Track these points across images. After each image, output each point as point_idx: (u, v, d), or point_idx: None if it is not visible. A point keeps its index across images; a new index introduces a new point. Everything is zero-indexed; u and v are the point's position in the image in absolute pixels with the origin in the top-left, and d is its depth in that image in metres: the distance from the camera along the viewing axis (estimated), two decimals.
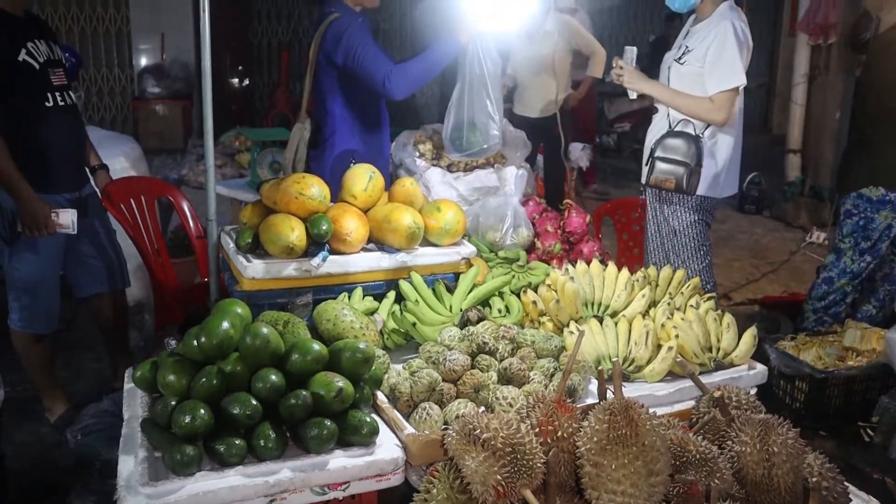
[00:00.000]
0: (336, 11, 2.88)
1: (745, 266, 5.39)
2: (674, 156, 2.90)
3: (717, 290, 3.20)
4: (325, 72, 2.91)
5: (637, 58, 3.05)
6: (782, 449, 1.44)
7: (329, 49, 2.85)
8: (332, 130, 2.97)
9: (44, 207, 2.75)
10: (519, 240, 2.69)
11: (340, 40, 2.80)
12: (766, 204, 6.83)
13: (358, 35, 2.80)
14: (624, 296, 2.16)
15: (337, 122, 2.97)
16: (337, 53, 2.82)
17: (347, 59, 2.80)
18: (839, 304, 3.70)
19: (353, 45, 2.77)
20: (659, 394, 1.92)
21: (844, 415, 3.28)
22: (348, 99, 2.95)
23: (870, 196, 3.46)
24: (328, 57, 2.86)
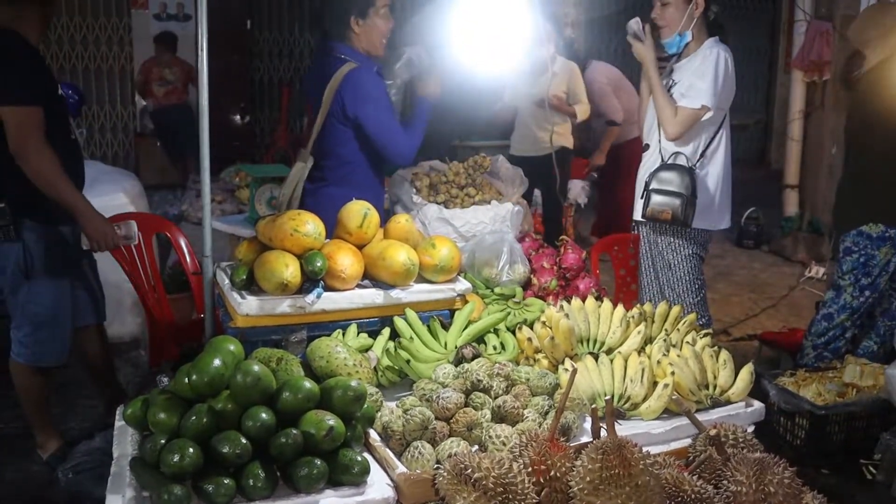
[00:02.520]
0: (350, 59, 2.89)
1: (743, 301, 5.38)
2: (669, 187, 2.93)
3: (711, 325, 3.19)
4: (339, 119, 2.93)
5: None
6: (778, 489, 1.42)
7: (346, 100, 2.87)
8: (338, 171, 3.00)
9: (106, 221, 2.84)
10: (515, 276, 2.68)
11: (358, 95, 2.85)
12: (764, 239, 6.84)
13: (375, 95, 2.87)
14: (619, 332, 2.15)
15: (344, 165, 3.00)
16: (354, 107, 2.86)
17: (361, 117, 2.88)
18: (839, 340, 3.68)
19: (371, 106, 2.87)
20: (655, 432, 1.90)
21: (846, 452, 3.24)
22: (361, 147, 2.99)
23: (870, 233, 3.46)
24: (343, 108, 2.89)
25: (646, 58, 3.07)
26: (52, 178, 2.70)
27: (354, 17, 2.91)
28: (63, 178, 2.72)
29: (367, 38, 2.94)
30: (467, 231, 3.09)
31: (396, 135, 2.92)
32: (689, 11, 2.96)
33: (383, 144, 2.92)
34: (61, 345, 2.95)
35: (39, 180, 2.70)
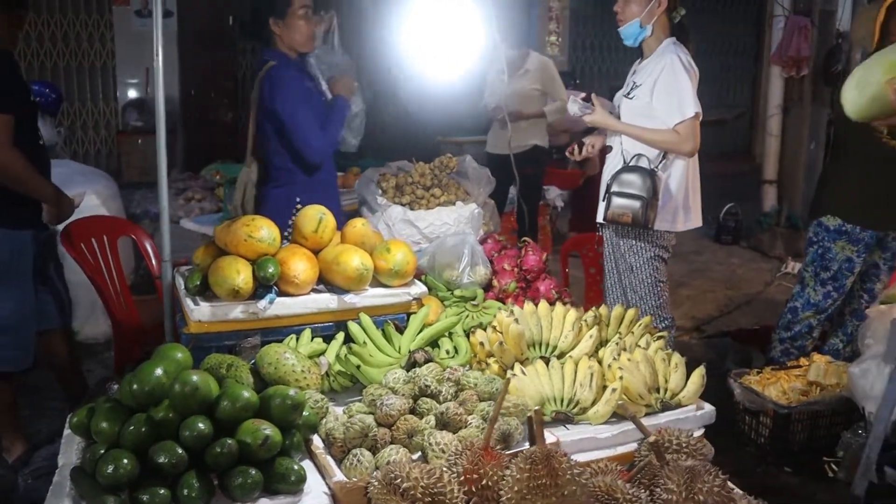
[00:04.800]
0: (272, 59, 3.00)
1: (719, 297, 5.40)
2: (630, 190, 2.93)
3: (673, 327, 3.21)
4: (266, 117, 3.02)
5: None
6: (708, 497, 1.43)
7: (266, 97, 2.98)
8: (276, 172, 3.05)
9: (70, 201, 3.00)
10: (476, 278, 2.69)
11: (274, 91, 2.94)
12: (742, 234, 6.87)
13: (291, 91, 2.95)
14: (571, 336, 2.16)
15: (279, 163, 3.07)
16: (272, 103, 2.95)
17: (278, 112, 2.96)
18: (805, 338, 3.71)
19: (285, 102, 2.94)
20: (601, 436, 1.91)
21: (809, 450, 3.28)
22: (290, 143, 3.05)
23: (828, 225, 3.51)
24: (265, 104, 2.99)
25: (606, 122, 3.10)
26: (17, 171, 2.74)
27: (273, 18, 3.02)
28: (28, 168, 2.76)
29: (288, 37, 3.03)
30: (431, 232, 3.10)
31: (308, 131, 2.97)
32: (650, 7, 2.97)
33: (295, 139, 2.98)
34: (23, 351, 2.94)
35: (6, 177, 2.72)
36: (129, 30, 9.39)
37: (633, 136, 3.00)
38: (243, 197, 2.95)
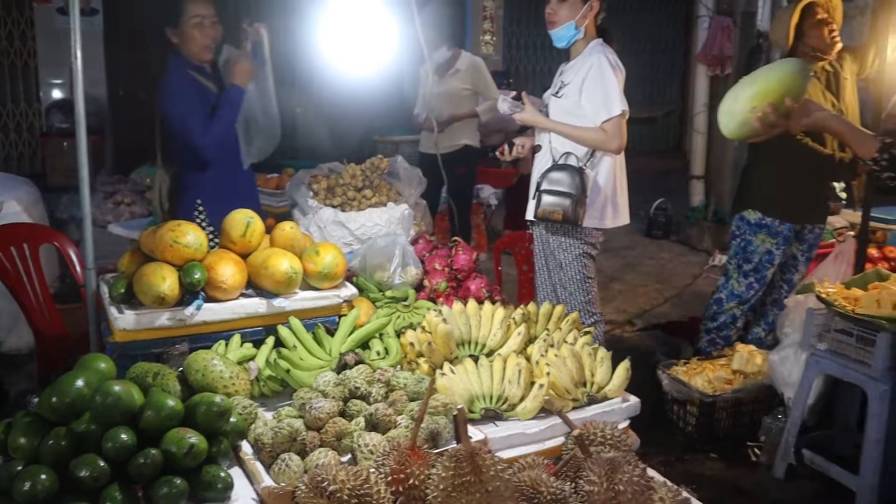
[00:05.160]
0: (172, 62, 3.03)
1: (650, 291, 5.54)
2: (559, 188, 2.99)
3: (602, 322, 3.28)
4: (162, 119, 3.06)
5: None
6: (628, 487, 1.47)
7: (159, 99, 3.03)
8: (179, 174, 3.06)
9: None
10: (407, 278, 2.71)
11: (163, 93, 2.98)
12: (672, 229, 7.06)
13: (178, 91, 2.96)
14: (500, 334, 2.20)
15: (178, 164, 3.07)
16: (161, 104, 3.00)
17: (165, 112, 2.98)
18: (729, 328, 3.85)
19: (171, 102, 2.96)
20: (530, 431, 1.95)
21: (733, 436, 3.40)
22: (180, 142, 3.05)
23: (749, 219, 3.65)
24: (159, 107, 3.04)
25: (536, 121, 3.16)
26: None
27: (169, 27, 3.03)
28: None
29: (185, 45, 3.03)
30: (363, 234, 3.11)
31: (191, 127, 2.93)
32: (583, 11, 3.03)
33: (181, 137, 2.96)
34: None
35: None
36: (52, 28, 9.07)
37: (563, 134, 3.06)
38: (160, 202, 2.92)
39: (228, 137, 2.98)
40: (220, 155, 2.98)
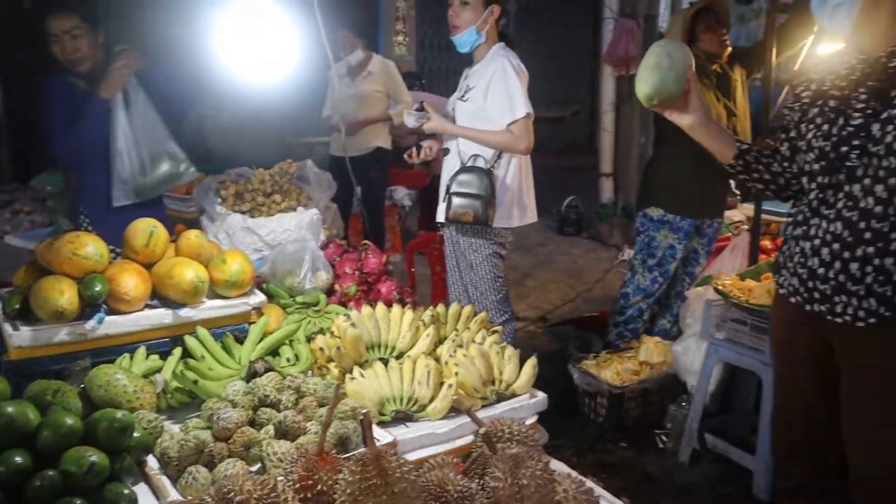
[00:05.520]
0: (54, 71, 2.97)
1: (562, 287, 5.68)
2: (468, 189, 3.04)
3: (513, 320, 3.36)
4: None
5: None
6: (531, 481, 1.52)
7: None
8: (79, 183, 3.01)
9: None
10: (318, 283, 2.71)
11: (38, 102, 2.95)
12: (584, 225, 7.25)
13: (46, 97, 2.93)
14: (409, 336, 2.23)
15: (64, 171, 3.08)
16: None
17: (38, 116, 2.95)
18: (636, 321, 3.99)
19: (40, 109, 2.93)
20: (440, 431, 1.99)
21: (642, 425, 3.53)
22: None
23: (652, 216, 3.80)
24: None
25: (444, 128, 3.21)
26: None
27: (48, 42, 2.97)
28: None
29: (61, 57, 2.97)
30: (273, 239, 3.08)
31: (48, 133, 2.95)
32: (485, 15, 3.09)
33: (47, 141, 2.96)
34: None
35: None
36: None
37: (471, 139, 3.12)
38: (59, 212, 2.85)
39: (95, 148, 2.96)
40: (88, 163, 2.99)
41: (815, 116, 1.96)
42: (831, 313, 1.95)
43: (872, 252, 1.85)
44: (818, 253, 1.94)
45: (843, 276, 1.90)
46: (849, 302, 1.90)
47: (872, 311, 1.87)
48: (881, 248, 1.84)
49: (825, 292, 1.94)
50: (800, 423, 2.15)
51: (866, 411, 1.96)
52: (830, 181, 1.92)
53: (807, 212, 2.00)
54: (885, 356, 1.89)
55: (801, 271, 2.00)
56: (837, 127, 1.90)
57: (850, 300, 1.90)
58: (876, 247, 1.85)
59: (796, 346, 2.11)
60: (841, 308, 1.92)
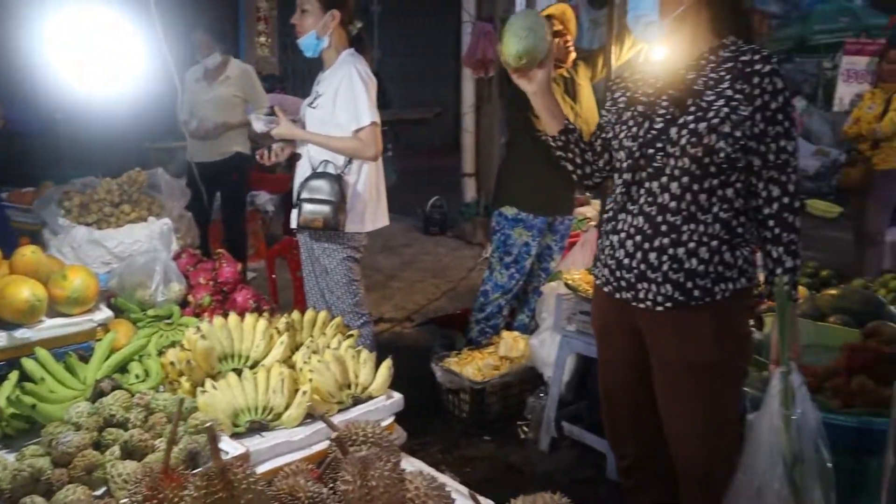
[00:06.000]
0: None
1: (427, 287, 5.78)
2: (319, 195, 3.05)
3: (370, 322, 3.39)
4: None
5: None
6: (380, 482, 1.56)
7: None
8: None
9: None
10: (171, 295, 2.64)
11: None
12: (448, 225, 7.39)
13: None
14: (262, 345, 2.22)
15: None
16: None
17: None
18: (497, 317, 4.13)
19: None
20: (295, 439, 1.99)
21: (504, 417, 3.66)
22: None
23: (506, 214, 3.95)
24: None
25: (293, 134, 3.20)
26: None
27: None
28: None
29: None
30: (122, 251, 2.98)
31: None
32: (324, 21, 3.10)
33: None
34: None
35: None
36: None
37: (320, 145, 3.12)
38: None
39: None
40: None
41: (628, 119, 2.14)
42: (636, 300, 2.13)
43: (668, 243, 2.04)
44: (624, 245, 2.12)
45: (644, 265, 2.08)
46: (649, 288, 2.09)
47: (669, 296, 2.06)
48: (675, 238, 2.04)
49: (630, 280, 2.12)
50: (623, 405, 2.33)
51: (672, 389, 2.15)
52: (635, 178, 2.10)
53: (615, 207, 2.18)
54: (681, 337, 2.09)
55: (611, 262, 2.17)
56: (644, 130, 2.08)
57: (650, 287, 2.08)
58: (670, 238, 2.04)
59: (612, 333, 2.28)
60: (643, 294, 2.10)
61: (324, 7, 3.09)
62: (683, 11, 2.04)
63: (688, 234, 2.03)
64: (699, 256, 2.03)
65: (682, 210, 2.03)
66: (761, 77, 1.96)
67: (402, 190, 8.39)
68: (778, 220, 2.03)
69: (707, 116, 1.98)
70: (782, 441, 1.98)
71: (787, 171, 2.01)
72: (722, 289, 2.06)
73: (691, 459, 2.18)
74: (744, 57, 2.00)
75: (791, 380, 2.00)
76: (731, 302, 2.08)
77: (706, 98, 2.00)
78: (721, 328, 2.09)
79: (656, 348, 2.17)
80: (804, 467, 1.98)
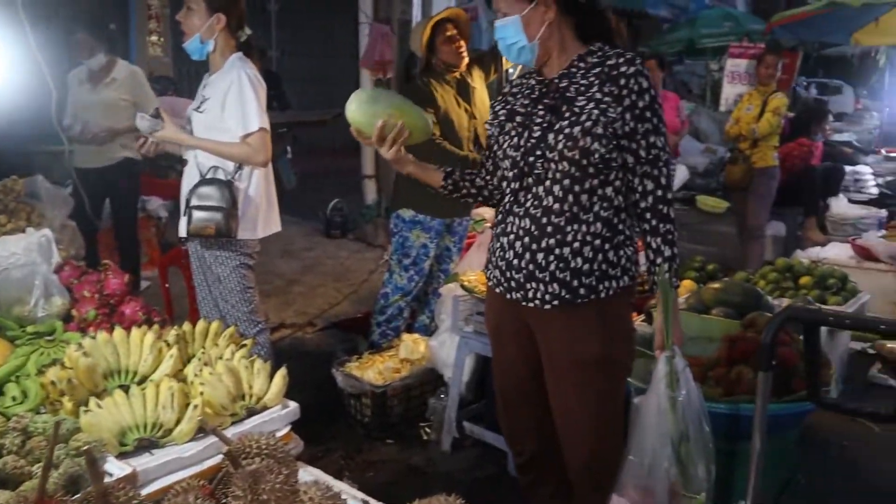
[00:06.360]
0: None
1: (329, 291, 5.73)
2: (209, 202, 2.97)
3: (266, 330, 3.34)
4: None
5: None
6: (271, 495, 1.55)
7: None
8: None
9: None
10: (52, 310, 2.53)
11: None
12: (350, 227, 7.35)
13: None
14: (151, 359, 2.15)
15: None
16: None
17: None
18: (397, 319, 4.14)
19: None
20: (186, 455, 1.94)
21: (406, 420, 3.67)
22: None
23: (404, 217, 3.97)
24: None
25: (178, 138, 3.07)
26: None
27: None
28: None
29: None
30: None
31: None
32: (209, 24, 3.01)
33: None
34: None
35: None
36: None
37: (208, 151, 3.04)
38: None
39: None
40: None
41: (510, 130, 2.21)
42: (525, 299, 2.19)
43: (554, 243, 2.12)
44: (513, 246, 2.19)
45: (533, 266, 2.15)
46: (538, 288, 2.16)
47: (556, 294, 2.14)
48: (560, 239, 2.12)
49: (519, 280, 2.19)
50: (518, 403, 2.40)
51: (562, 385, 2.23)
52: (521, 185, 2.18)
53: (504, 212, 2.26)
54: (569, 334, 2.18)
55: (501, 263, 2.24)
56: (524, 139, 2.16)
57: (539, 286, 2.16)
58: (556, 238, 2.12)
59: (506, 332, 2.35)
60: (532, 294, 2.17)
61: (210, 8, 3.00)
62: (548, 28, 2.14)
63: (572, 234, 2.11)
64: (584, 255, 2.12)
65: (565, 211, 2.11)
66: (627, 78, 2.07)
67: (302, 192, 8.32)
68: (654, 212, 2.13)
69: (581, 120, 2.07)
70: (669, 421, 2.09)
71: (659, 166, 2.12)
72: (606, 287, 2.15)
73: (580, 452, 2.26)
74: (610, 61, 2.11)
75: (675, 363, 2.11)
76: (615, 300, 2.18)
77: (578, 103, 2.09)
78: (606, 325, 2.18)
79: (546, 345, 2.24)
80: (689, 445, 2.10)
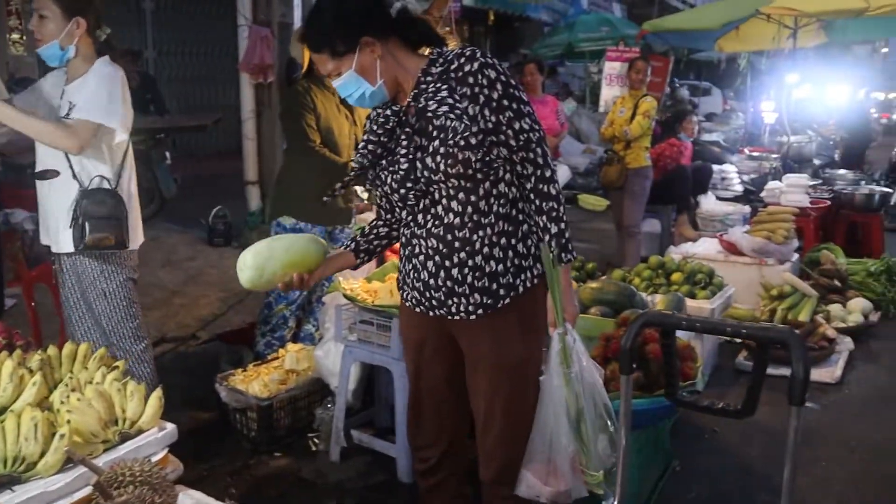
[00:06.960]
0: None
1: (213, 301, 5.58)
2: (103, 212, 2.83)
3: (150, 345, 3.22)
4: None
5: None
6: None
7: None
8: None
9: None
10: None
11: None
12: (234, 234, 7.16)
13: None
14: (10, 388, 2.04)
15: None
16: None
17: None
18: (282, 328, 4.09)
19: None
20: (53, 488, 1.85)
21: (294, 432, 3.63)
22: None
23: (284, 224, 3.94)
24: None
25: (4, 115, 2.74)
26: None
27: None
28: None
29: None
30: None
31: None
32: (68, 29, 2.85)
33: None
34: None
35: None
36: None
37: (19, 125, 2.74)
38: None
39: None
40: None
41: (387, 165, 2.19)
42: (449, 314, 2.23)
43: (465, 256, 2.15)
44: (425, 267, 2.21)
45: (450, 282, 2.18)
46: (460, 302, 2.19)
47: (479, 303, 2.18)
48: (469, 250, 2.15)
49: (440, 298, 2.22)
50: (432, 409, 2.43)
51: (483, 385, 2.28)
52: (418, 208, 2.19)
53: (408, 234, 2.26)
54: (494, 338, 2.22)
55: (418, 285, 2.25)
56: (405, 169, 2.14)
57: (461, 300, 2.19)
58: (465, 251, 2.15)
59: (426, 346, 2.37)
60: (455, 308, 2.21)
61: (66, 13, 2.82)
62: (382, 62, 2.12)
63: (479, 241, 2.14)
64: (495, 257, 2.16)
65: (466, 223, 2.13)
66: (474, 76, 2.06)
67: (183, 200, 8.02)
68: (536, 192, 2.16)
69: (449, 135, 2.06)
70: (564, 397, 2.15)
71: (532, 147, 2.12)
72: (523, 279, 2.20)
73: (495, 451, 2.31)
74: (453, 64, 2.10)
75: (567, 339, 2.17)
76: (531, 293, 2.22)
77: (439, 118, 2.07)
78: (524, 322, 2.23)
79: (471, 350, 2.28)
80: (586, 423, 2.16)
